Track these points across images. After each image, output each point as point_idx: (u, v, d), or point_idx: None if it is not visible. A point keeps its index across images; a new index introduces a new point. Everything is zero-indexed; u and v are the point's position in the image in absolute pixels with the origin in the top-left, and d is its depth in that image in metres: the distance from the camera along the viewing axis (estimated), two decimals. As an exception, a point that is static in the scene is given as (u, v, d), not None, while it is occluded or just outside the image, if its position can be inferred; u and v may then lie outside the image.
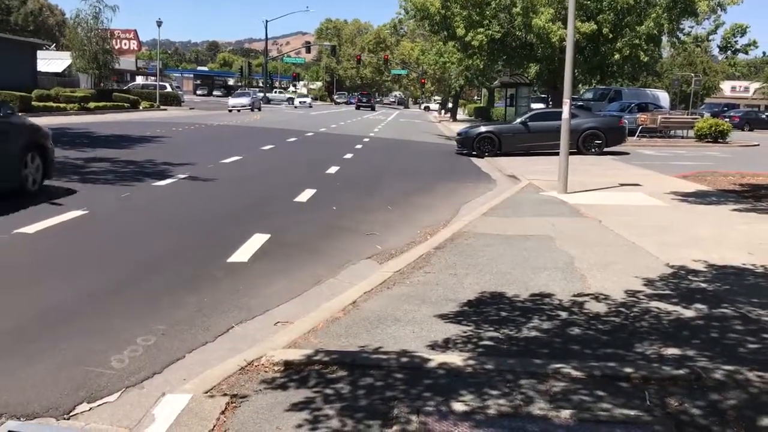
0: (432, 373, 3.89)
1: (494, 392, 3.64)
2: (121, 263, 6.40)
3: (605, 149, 20.96)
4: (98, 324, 4.78)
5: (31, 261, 6.27)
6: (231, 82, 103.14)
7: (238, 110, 48.36)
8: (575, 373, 3.89)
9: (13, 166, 8.81)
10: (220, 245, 7.23)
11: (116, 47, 50.31)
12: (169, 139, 20.52)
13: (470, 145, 20.87)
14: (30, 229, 7.26)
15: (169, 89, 55.67)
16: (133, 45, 58.89)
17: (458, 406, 3.45)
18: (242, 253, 6.94)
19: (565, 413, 3.41)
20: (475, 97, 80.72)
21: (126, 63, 59.55)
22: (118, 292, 5.52)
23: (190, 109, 49.09)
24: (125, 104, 40.08)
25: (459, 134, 22.59)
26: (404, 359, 4.07)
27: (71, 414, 3.55)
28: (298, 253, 7.27)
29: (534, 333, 4.66)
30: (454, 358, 4.09)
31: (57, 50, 60.78)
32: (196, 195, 10.60)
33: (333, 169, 14.76)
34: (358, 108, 73.18)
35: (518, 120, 22.27)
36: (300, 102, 74.54)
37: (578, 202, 10.65)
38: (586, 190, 12.11)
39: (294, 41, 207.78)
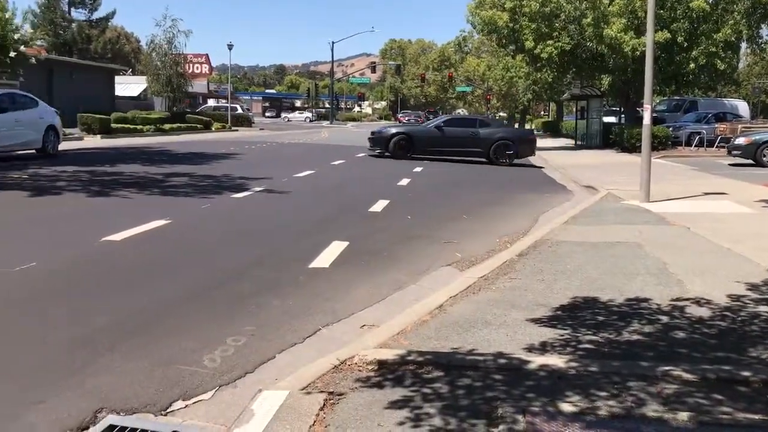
0: (533, 375, 3.71)
1: (602, 394, 3.44)
2: (206, 268, 6.46)
3: (515, 161, 21.35)
4: (188, 325, 4.80)
5: (120, 267, 6.38)
6: (298, 103, 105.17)
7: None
8: (687, 376, 3.64)
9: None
10: (301, 252, 7.22)
11: (189, 71, 51.82)
12: (243, 156, 20.91)
13: (384, 145, 21.44)
14: (117, 237, 7.42)
15: (240, 111, 57.04)
16: (205, 69, 60.63)
17: (566, 407, 3.26)
18: (323, 260, 6.91)
19: (683, 415, 3.17)
20: (542, 112, 79.77)
21: (198, 86, 61.25)
22: (206, 295, 5.54)
23: (260, 129, 50.16)
24: (198, 125, 41.17)
25: (372, 134, 22.93)
26: (502, 361, 3.91)
27: (168, 410, 3.52)
28: (378, 260, 7.19)
29: (636, 336, 4.42)
30: (555, 360, 3.90)
31: (133, 75, 63.14)
32: (273, 206, 10.70)
33: (404, 181, 14.70)
34: None
35: (433, 124, 22.97)
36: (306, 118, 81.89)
37: (663, 211, 10.23)
38: (670, 199, 11.64)
39: (358, 62, 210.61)
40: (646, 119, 11.63)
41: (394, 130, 22.48)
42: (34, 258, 6.28)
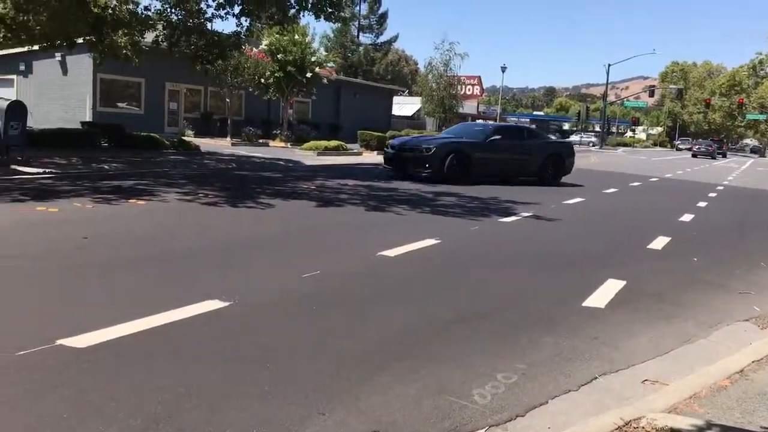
0: None
1: None
2: (475, 293, 6.36)
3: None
4: (457, 352, 4.69)
5: (392, 283, 6.53)
6: (566, 126, 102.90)
7: None
8: None
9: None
10: (573, 287, 6.81)
11: (461, 93, 53.36)
12: (509, 179, 20.78)
13: (438, 164, 16.57)
14: (391, 252, 7.66)
15: (506, 132, 57.22)
16: (476, 90, 62.04)
17: None
18: (597, 299, 6.44)
19: None
20: None
21: (468, 107, 62.85)
22: (475, 322, 5.42)
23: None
24: (466, 146, 42.00)
25: (402, 148, 17.69)
26: (833, 455, 3.20)
27: (437, 444, 3.42)
28: (659, 305, 6.51)
29: None
30: None
31: (408, 96, 66.79)
32: (542, 234, 10.35)
33: (687, 217, 13.40)
34: (714, 157, 63.98)
35: (485, 137, 18.22)
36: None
37: None
38: None
39: (633, 85, 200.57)
40: None
41: (447, 146, 17.17)
42: (319, 267, 6.69)
